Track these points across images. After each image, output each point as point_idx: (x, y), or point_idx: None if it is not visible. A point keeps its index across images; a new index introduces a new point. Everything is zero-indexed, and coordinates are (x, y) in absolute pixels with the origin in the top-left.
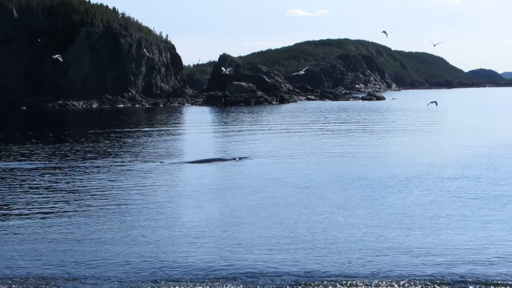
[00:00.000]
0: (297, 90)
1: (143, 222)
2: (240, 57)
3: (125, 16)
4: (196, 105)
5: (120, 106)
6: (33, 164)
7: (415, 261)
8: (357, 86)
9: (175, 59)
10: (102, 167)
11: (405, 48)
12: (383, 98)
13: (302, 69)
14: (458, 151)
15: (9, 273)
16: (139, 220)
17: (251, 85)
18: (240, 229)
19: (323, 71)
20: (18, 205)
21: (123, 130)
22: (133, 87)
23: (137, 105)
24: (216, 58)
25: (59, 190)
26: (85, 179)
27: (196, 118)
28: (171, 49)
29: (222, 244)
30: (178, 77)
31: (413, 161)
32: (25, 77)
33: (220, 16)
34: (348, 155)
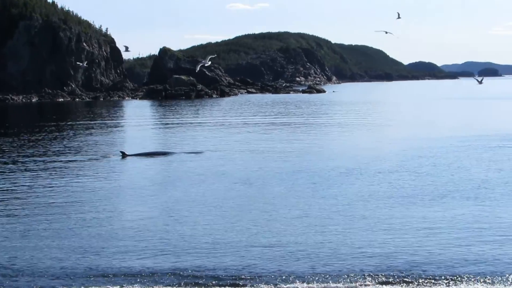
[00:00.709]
0: (237, 83)
1: (83, 216)
2: (180, 50)
3: (64, 10)
4: (136, 99)
5: (60, 100)
6: None
7: (355, 253)
8: (297, 79)
9: (115, 52)
10: (41, 162)
11: (345, 41)
12: (323, 91)
13: (243, 62)
14: (398, 144)
15: None
16: (79, 214)
17: (191, 78)
18: (181, 222)
19: (263, 64)
20: None
21: (63, 124)
22: (73, 81)
23: (77, 99)
24: (156, 51)
25: None
26: (22, 176)
27: (137, 112)
28: (111, 42)
29: (164, 237)
30: (118, 71)
31: (354, 154)
32: None
33: (160, 10)
34: (288, 148)
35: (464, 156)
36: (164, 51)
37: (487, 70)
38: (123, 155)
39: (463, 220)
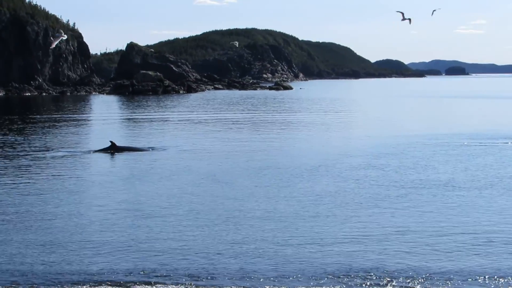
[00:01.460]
0: (204, 79)
1: (49, 211)
2: (147, 46)
3: (32, 4)
4: (103, 93)
5: (27, 94)
6: None
7: (323, 251)
8: (264, 75)
9: (82, 47)
10: (9, 156)
11: (312, 38)
12: (290, 88)
13: (210, 58)
14: (365, 141)
15: None
16: (45, 210)
17: (158, 74)
18: (149, 219)
19: (230, 61)
20: None
21: (29, 119)
22: (40, 75)
23: (44, 94)
24: (123, 46)
25: None
26: None
27: (104, 107)
28: (78, 37)
29: (131, 234)
30: (86, 66)
31: (320, 151)
32: None
33: (128, 5)
34: (256, 144)
35: (430, 153)
36: (131, 46)
37: (454, 69)
38: (113, 146)
39: (431, 219)
